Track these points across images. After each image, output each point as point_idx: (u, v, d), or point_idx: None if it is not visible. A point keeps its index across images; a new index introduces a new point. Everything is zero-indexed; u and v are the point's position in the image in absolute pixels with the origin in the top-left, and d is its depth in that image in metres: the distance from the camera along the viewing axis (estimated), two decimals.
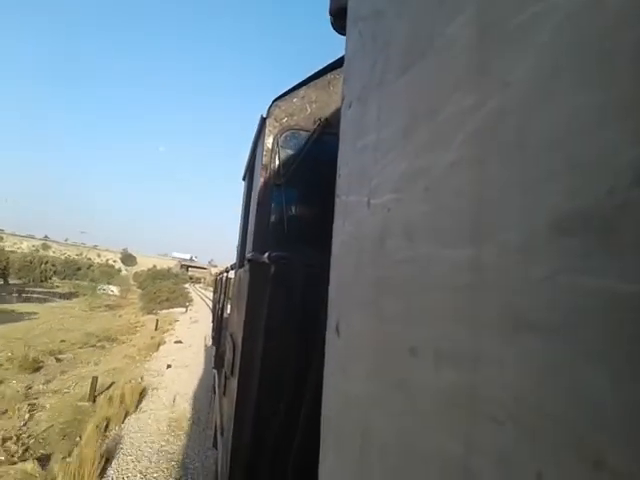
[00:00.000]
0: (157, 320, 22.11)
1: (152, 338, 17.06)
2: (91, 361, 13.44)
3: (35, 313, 25.35)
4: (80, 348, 16.37)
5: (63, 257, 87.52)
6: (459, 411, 0.30)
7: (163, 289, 32.79)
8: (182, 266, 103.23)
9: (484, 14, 0.32)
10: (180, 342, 16.79)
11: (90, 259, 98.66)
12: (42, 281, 37.20)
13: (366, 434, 0.44)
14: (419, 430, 0.35)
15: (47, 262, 37.59)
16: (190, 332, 19.96)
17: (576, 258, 0.22)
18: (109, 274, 56.29)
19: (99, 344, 17.15)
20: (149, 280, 51.87)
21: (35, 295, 35.18)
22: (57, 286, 46.41)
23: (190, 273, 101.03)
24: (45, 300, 34.59)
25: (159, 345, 15.88)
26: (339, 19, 0.78)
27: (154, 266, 79.00)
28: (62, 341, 17.71)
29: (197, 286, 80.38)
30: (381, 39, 0.52)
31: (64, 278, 49.18)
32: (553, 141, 0.25)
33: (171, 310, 31.88)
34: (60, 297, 38.35)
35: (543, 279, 0.24)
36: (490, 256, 0.29)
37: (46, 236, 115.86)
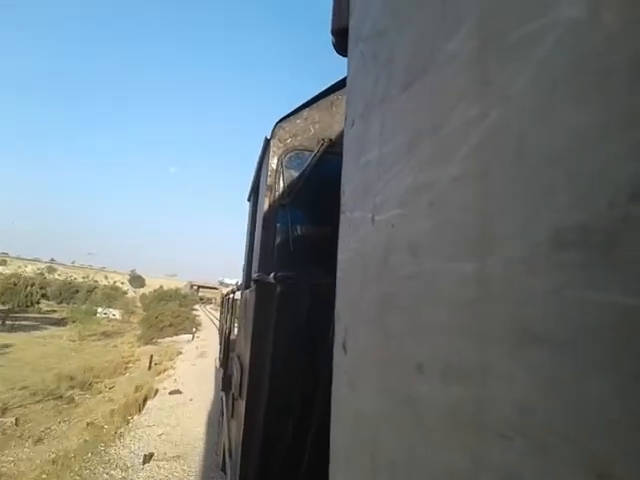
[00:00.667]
0: (151, 357, 16.79)
1: (137, 390, 11.59)
2: (34, 434, 8.49)
3: (10, 345, 20.59)
4: (39, 402, 11.41)
5: (68, 280, 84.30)
6: (467, 427, 0.30)
7: (166, 313, 27.87)
8: (192, 286, 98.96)
9: (484, 28, 0.32)
10: (178, 392, 11.64)
11: (97, 281, 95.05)
12: (28, 306, 32.65)
13: (375, 451, 0.44)
14: (428, 447, 0.35)
15: (33, 284, 33.10)
16: (195, 372, 14.96)
17: (578, 271, 0.22)
18: (112, 296, 51.85)
19: (68, 394, 12.24)
20: (155, 302, 47.23)
21: (24, 322, 30.76)
22: (54, 311, 42.12)
23: (201, 294, 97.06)
24: (33, 328, 30.11)
25: (145, 400, 10.76)
26: (341, 38, 0.78)
27: (160, 287, 74.60)
28: (22, 388, 12.72)
29: (208, 307, 75.70)
30: (383, 57, 0.52)
31: (61, 302, 44.75)
32: (554, 154, 0.25)
33: (175, 338, 26.98)
34: (53, 324, 33.87)
35: (548, 292, 0.24)
36: (495, 270, 0.29)
37: (52, 259, 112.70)
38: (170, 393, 11.58)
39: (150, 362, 16.16)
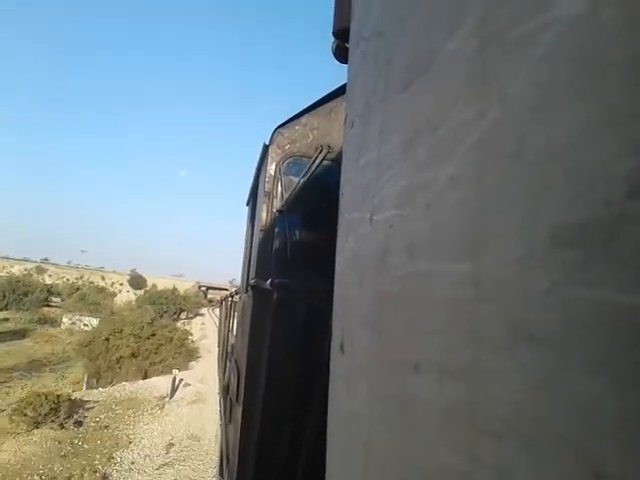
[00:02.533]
0: None
1: None
2: None
3: None
4: None
5: (60, 281, 71.16)
6: (463, 426, 0.30)
7: (125, 332, 15.08)
8: (200, 287, 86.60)
9: (484, 27, 0.32)
10: None
11: (92, 282, 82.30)
12: None
13: (370, 451, 0.44)
14: (423, 446, 0.34)
15: None
16: None
17: (575, 270, 0.22)
18: (91, 300, 39.45)
19: None
20: (144, 307, 33.66)
21: None
22: (6, 320, 29.95)
23: (210, 295, 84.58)
24: None
25: None
26: (342, 39, 0.78)
27: (153, 285, 62.07)
28: None
29: (216, 311, 63.35)
30: (383, 57, 0.52)
31: (6, 307, 32.78)
32: (551, 153, 0.25)
33: (140, 385, 13.99)
34: None
35: (544, 291, 0.24)
36: (491, 270, 0.29)
37: (45, 258, 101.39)
38: None
39: None
